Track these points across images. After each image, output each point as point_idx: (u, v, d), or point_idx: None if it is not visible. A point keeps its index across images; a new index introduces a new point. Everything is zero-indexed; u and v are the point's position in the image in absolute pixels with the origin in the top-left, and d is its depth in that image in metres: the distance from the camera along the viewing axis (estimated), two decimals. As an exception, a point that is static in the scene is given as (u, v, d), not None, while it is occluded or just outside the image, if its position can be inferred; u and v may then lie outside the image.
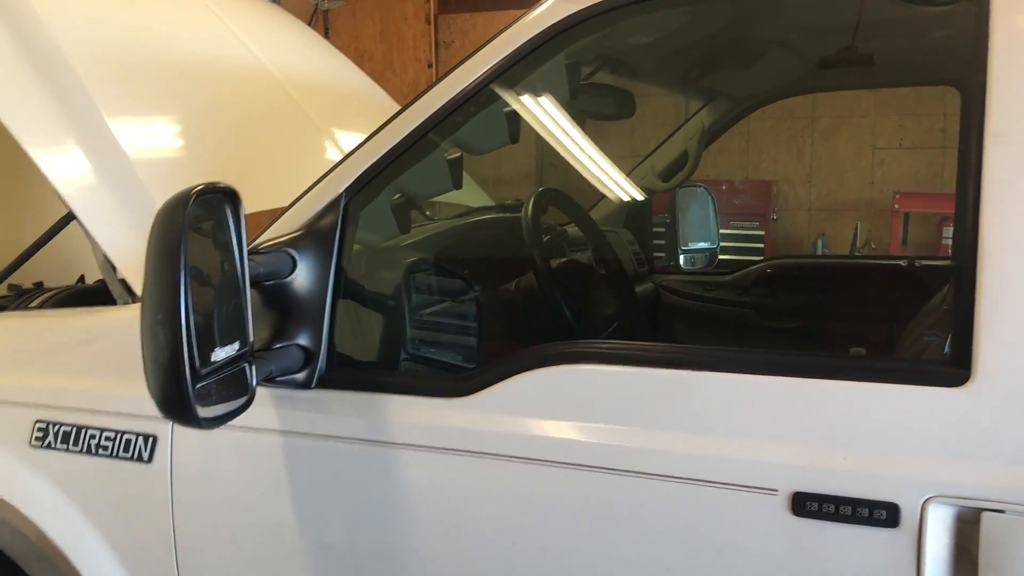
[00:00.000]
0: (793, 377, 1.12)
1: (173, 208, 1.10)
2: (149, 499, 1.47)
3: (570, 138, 2.18)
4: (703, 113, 2.60)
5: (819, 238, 5.85)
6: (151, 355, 1.09)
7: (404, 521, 1.30)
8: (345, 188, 1.40)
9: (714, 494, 1.12)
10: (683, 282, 2.79)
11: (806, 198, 6.01)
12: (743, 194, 5.84)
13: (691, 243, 2.95)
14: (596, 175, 2.48)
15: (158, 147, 1.91)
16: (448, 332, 1.58)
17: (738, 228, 5.71)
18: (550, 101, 1.82)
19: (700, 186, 2.98)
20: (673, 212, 2.89)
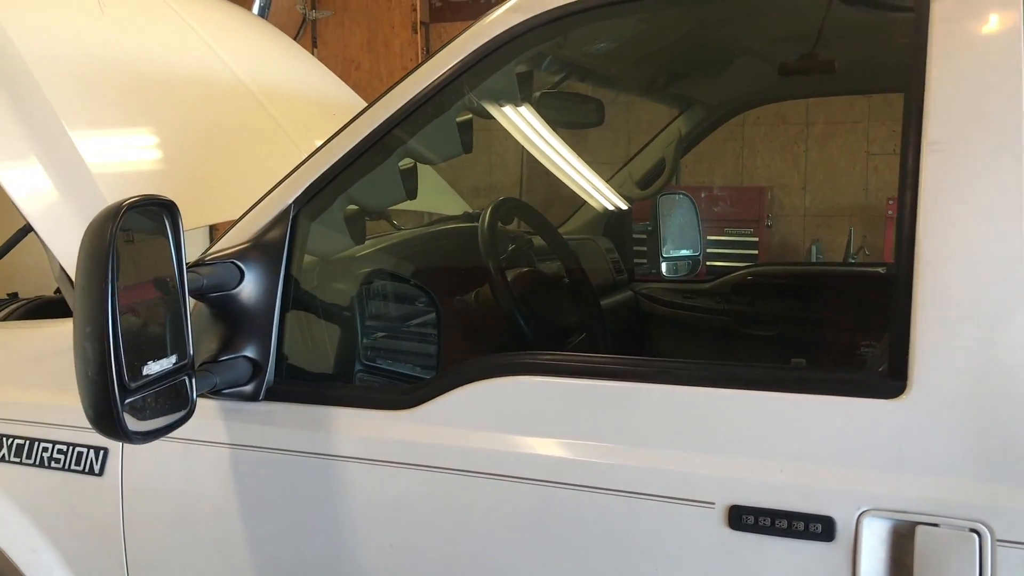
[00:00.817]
0: (730, 389, 1.11)
1: (103, 221, 1.09)
2: (100, 512, 1.47)
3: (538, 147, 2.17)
4: (679, 121, 2.59)
5: (813, 244, 5.83)
6: (80, 369, 1.08)
7: (348, 535, 1.29)
8: (294, 199, 1.39)
9: (652, 507, 1.11)
10: (663, 290, 2.77)
11: (800, 204, 5.99)
12: (737, 200, 5.83)
13: (674, 250, 2.94)
14: (574, 183, 2.48)
15: (121, 160, 1.91)
16: (401, 344, 1.57)
17: (732, 234, 5.70)
18: (514, 109, 1.81)
19: (682, 193, 2.98)
20: (655, 219, 2.88)
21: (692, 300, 2.71)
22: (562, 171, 2.37)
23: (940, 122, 1.05)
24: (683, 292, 2.75)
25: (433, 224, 2.15)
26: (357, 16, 4.61)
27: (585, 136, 2.45)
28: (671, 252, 2.93)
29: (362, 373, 1.50)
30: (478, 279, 1.75)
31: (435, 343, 1.57)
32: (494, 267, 1.70)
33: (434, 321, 1.56)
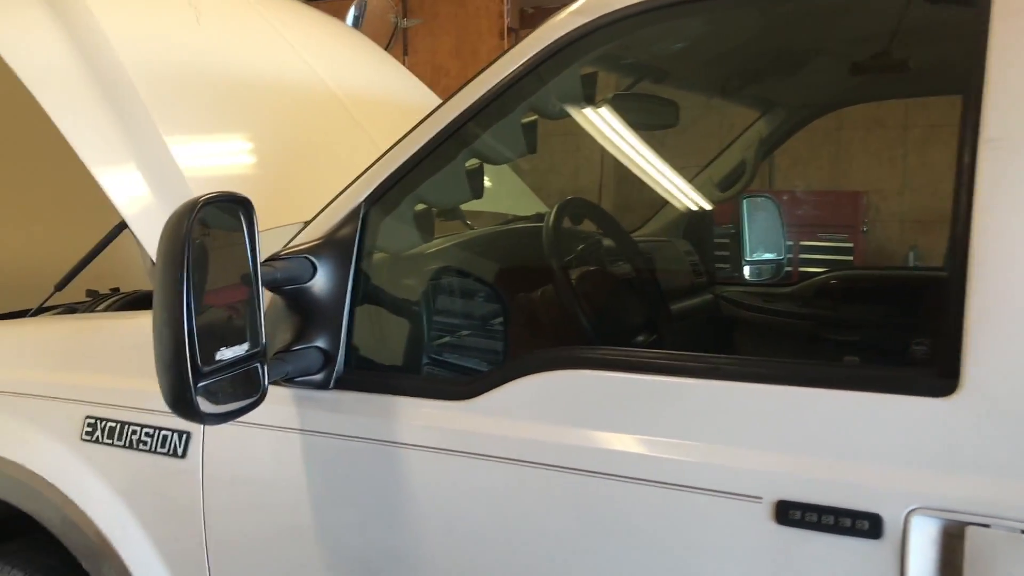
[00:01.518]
0: (781, 385, 1.12)
1: (180, 216, 1.17)
2: (183, 493, 1.55)
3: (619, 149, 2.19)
4: (760, 123, 2.57)
5: (911, 250, 5.65)
6: (158, 353, 1.16)
7: (410, 520, 1.34)
8: (364, 198, 1.46)
9: (700, 500, 1.12)
10: (744, 293, 2.75)
11: (898, 209, 5.82)
12: (831, 205, 5.70)
13: (756, 254, 2.91)
14: (654, 185, 2.48)
15: (212, 164, 2.01)
16: (465, 338, 1.61)
17: (826, 240, 5.57)
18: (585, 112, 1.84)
19: (766, 196, 2.94)
20: (738, 222, 2.86)
21: (774, 304, 2.68)
22: (642, 173, 2.38)
23: (998, 119, 1.04)
24: (765, 295, 2.72)
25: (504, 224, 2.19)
26: (446, 24, 4.71)
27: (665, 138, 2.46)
28: (754, 255, 2.90)
29: (428, 366, 1.55)
30: (542, 278, 1.78)
31: (499, 339, 1.61)
32: (556, 265, 1.73)
33: (499, 317, 1.60)
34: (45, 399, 1.73)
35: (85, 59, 1.93)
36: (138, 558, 1.62)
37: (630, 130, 2.19)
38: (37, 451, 1.71)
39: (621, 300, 1.94)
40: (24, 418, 1.74)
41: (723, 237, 2.99)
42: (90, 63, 1.93)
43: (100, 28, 1.97)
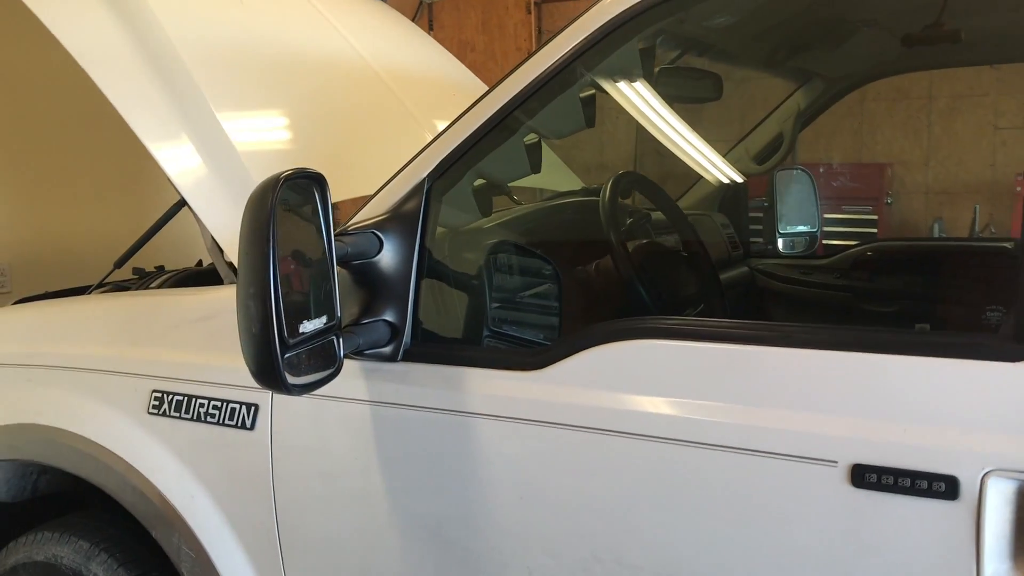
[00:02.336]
0: (854, 352, 1.14)
1: (263, 191, 1.20)
2: (251, 463, 1.59)
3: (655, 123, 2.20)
4: (798, 95, 2.57)
5: (935, 222, 5.64)
6: (244, 326, 1.19)
7: (482, 487, 1.37)
8: (427, 173, 1.48)
9: (775, 465, 1.15)
10: (779, 266, 2.77)
11: (922, 181, 5.80)
12: (855, 177, 5.69)
13: (790, 227, 2.92)
14: (689, 159, 2.50)
15: (263, 139, 2.04)
16: (527, 311, 1.64)
17: (850, 212, 5.57)
18: (633, 85, 1.85)
19: (799, 168, 2.95)
20: (771, 195, 2.87)
21: (810, 276, 2.70)
22: (677, 146, 2.39)
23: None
24: (801, 268, 2.74)
25: (553, 199, 2.21)
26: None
27: (700, 111, 2.47)
28: (787, 228, 2.92)
29: (488, 338, 1.58)
30: (598, 251, 1.81)
31: (556, 311, 1.64)
32: (615, 238, 1.75)
33: (556, 290, 1.63)
34: (111, 374, 1.77)
35: (137, 39, 1.96)
36: (206, 525, 1.66)
37: (665, 103, 2.20)
38: (104, 425, 1.76)
39: (675, 272, 1.96)
40: (90, 393, 1.78)
41: (756, 211, 3.00)
42: (142, 43, 1.96)
43: (150, 9, 1.99)
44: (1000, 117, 5.50)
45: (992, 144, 5.57)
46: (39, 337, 1.93)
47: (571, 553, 1.31)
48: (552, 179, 2.65)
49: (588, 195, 2.11)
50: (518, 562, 1.36)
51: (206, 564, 1.66)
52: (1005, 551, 1.04)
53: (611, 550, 1.28)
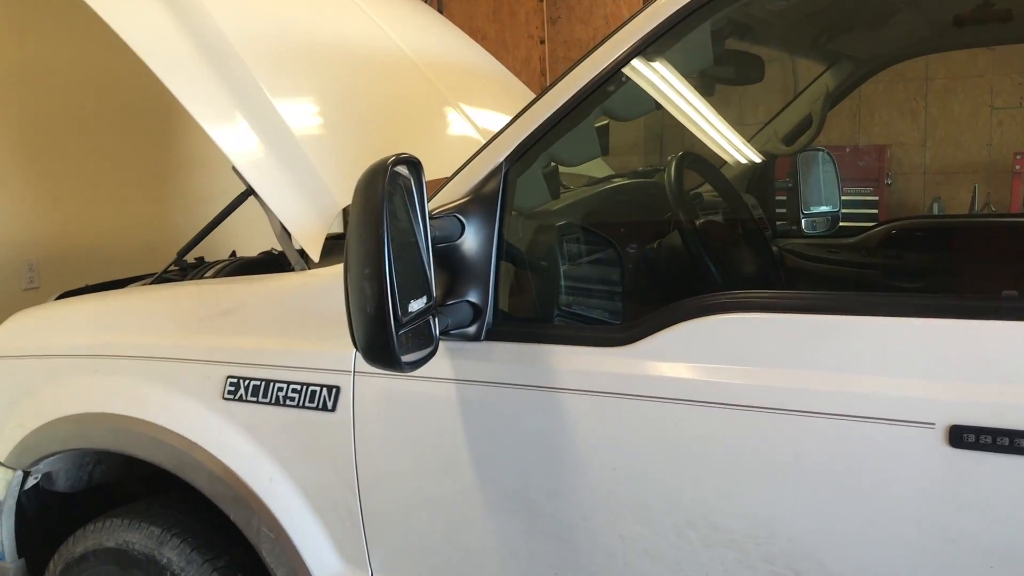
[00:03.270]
0: (945, 318, 1.19)
1: (373, 175, 1.23)
2: (333, 445, 1.63)
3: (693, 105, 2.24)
4: (827, 76, 2.62)
5: (934, 202, 5.72)
6: (358, 306, 1.22)
7: (572, 460, 1.41)
8: (505, 157, 1.52)
9: (873, 429, 1.19)
10: (806, 245, 2.82)
11: (920, 162, 5.88)
12: (856, 159, 5.76)
13: (813, 207, 2.97)
14: (719, 141, 2.54)
15: (316, 124, 2.06)
16: (598, 289, 1.68)
17: (852, 193, 5.64)
18: (688, 70, 1.89)
19: (822, 150, 3.00)
20: (795, 176, 2.91)
21: (837, 255, 2.75)
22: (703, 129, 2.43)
23: None
24: (827, 247, 2.79)
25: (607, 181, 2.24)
26: (483, -13, 4.73)
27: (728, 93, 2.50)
28: (811, 208, 2.97)
29: (562, 316, 1.62)
30: (658, 230, 1.85)
31: (625, 289, 1.68)
32: (684, 216, 1.79)
33: (624, 268, 1.67)
34: (182, 361, 1.80)
35: (192, 32, 1.99)
36: (286, 508, 1.69)
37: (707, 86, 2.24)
38: (177, 412, 1.79)
39: (737, 249, 2.01)
40: (160, 381, 1.81)
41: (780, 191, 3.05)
42: (197, 35, 1.99)
43: (202, 4, 2.02)
44: (996, 97, 5.58)
45: (989, 124, 5.65)
46: (104, 328, 1.95)
47: (665, 521, 1.35)
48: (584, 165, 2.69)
49: (639, 177, 2.15)
50: (610, 531, 1.41)
51: (287, 544, 1.69)
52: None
53: (706, 517, 1.32)
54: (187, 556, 1.85)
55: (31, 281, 3.26)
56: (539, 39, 4.71)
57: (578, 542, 1.44)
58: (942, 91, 5.73)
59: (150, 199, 3.59)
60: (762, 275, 2.02)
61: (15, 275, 3.20)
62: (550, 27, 4.79)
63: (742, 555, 1.30)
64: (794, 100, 2.69)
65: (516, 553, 1.50)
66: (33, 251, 3.30)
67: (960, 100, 5.70)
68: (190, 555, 1.85)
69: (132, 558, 1.89)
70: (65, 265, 3.33)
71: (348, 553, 1.67)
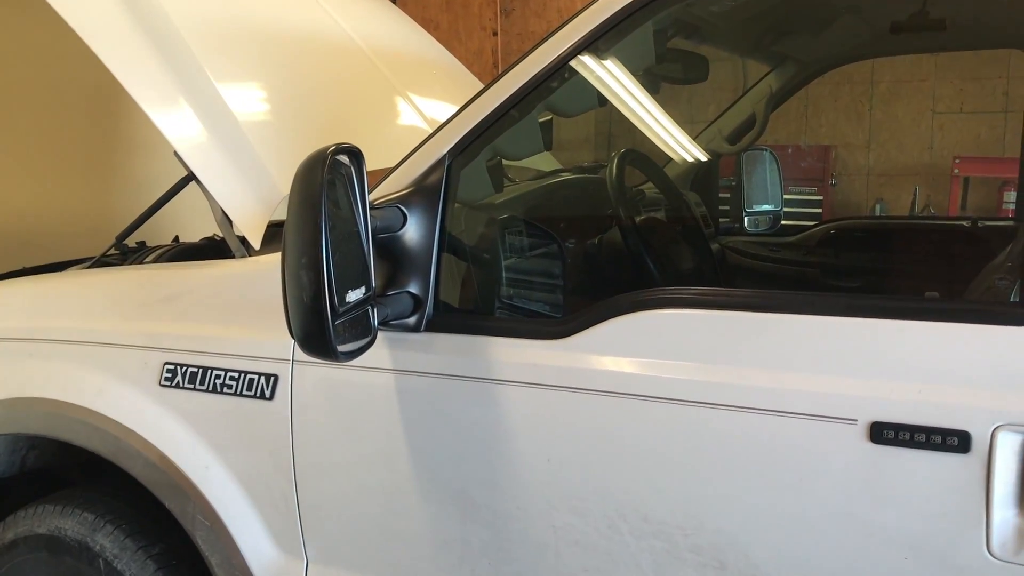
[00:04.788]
0: (870, 318, 1.22)
1: (312, 165, 1.23)
2: (270, 433, 1.62)
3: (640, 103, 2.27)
4: (771, 77, 2.67)
5: (877, 203, 5.85)
6: (294, 296, 1.23)
7: (509, 452, 1.43)
8: (448, 149, 1.52)
9: (797, 424, 1.23)
10: (748, 243, 2.87)
11: (864, 163, 6.00)
12: (801, 159, 5.86)
13: (755, 205, 3.03)
14: (663, 138, 2.57)
15: (260, 110, 2.05)
16: (538, 283, 1.70)
17: (796, 192, 5.73)
18: (631, 68, 1.91)
19: (765, 150, 3.05)
20: (739, 175, 2.96)
21: (777, 253, 2.81)
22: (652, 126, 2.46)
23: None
24: (768, 245, 2.85)
25: (551, 176, 2.26)
26: (436, -24, 4.72)
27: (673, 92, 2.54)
28: (753, 207, 3.02)
29: (501, 310, 1.63)
30: (600, 225, 1.87)
31: (565, 284, 1.70)
32: (624, 213, 1.82)
33: (565, 263, 1.69)
34: (119, 347, 1.78)
35: (136, 13, 1.95)
36: (222, 495, 1.69)
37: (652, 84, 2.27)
38: (113, 397, 1.76)
39: (676, 246, 2.04)
40: (96, 366, 1.79)
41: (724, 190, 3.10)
42: (141, 17, 1.95)
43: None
44: (938, 102, 5.72)
45: (930, 128, 5.78)
46: (40, 312, 1.92)
47: (597, 511, 1.38)
48: (531, 158, 2.71)
49: (583, 172, 2.17)
50: (544, 521, 1.43)
51: (222, 532, 1.69)
52: (1012, 499, 1.14)
53: (637, 508, 1.35)
54: (121, 543, 1.83)
55: (-36, 263, 3.18)
56: (492, 31, 4.71)
57: (512, 532, 1.46)
58: (887, 94, 5.85)
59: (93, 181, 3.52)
60: (700, 272, 2.05)
61: (-52, 256, 3.11)
62: (504, 19, 4.80)
63: (671, 546, 1.33)
64: (738, 100, 2.74)
65: (451, 542, 1.52)
66: (-34, 232, 3.21)
67: (904, 104, 5.82)
68: (124, 542, 1.83)
69: (64, 545, 1.87)
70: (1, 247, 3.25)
71: (283, 542, 1.67)
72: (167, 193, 2.02)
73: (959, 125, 5.70)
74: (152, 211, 2.04)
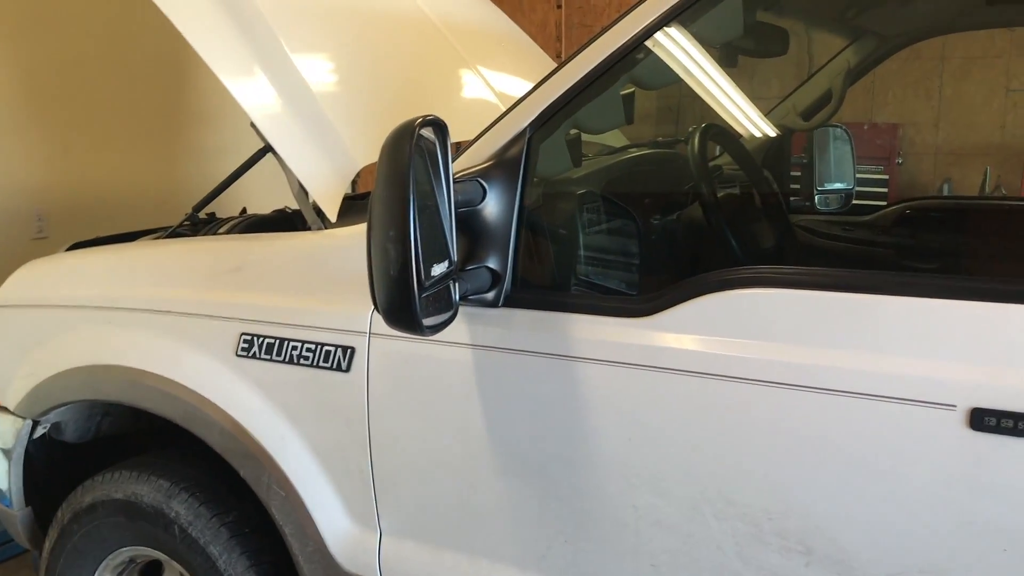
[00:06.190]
0: (970, 300, 1.18)
1: (400, 137, 1.22)
2: (346, 404, 1.63)
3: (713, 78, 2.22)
4: (849, 51, 2.59)
5: (944, 183, 5.70)
6: (381, 268, 1.22)
7: (588, 430, 1.41)
8: (529, 122, 1.50)
9: (894, 409, 1.19)
10: (820, 222, 2.80)
11: (933, 142, 5.84)
12: (868, 137, 5.73)
13: (827, 183, 2.96)
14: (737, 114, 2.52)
15: (335, 82, 2.04)
16: (617, 260, 1.67)
17: (862, 172, 5.60)
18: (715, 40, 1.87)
19: (839, 127, 2.98)
20: (811, 152, 2.89)
21: (851, 232, 2.74)
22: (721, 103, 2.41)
23: None
24: (841, 224, 2.78)
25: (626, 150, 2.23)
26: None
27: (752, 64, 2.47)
28: (825, 185, 2.95)
29: (578, 287, 1.61)
30: (680, 201, 1.83)
31: (643, 260, 1.67)
32: (707, 189, 1.78)
33: (644, 239, 1.66)
34: (196, 316, 1.79)
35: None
36: (297, 465, 1.70)
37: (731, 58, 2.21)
38: (190, 367, 1.79)
39: (758, 223, 2.00)
40: (174, 335, 1.81)
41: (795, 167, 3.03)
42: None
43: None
44: (1013, 79, 5.54)
45: (1004, 106, 5.60)
46: (117, 281, 1.95)
47: (680, 492, 1.36)
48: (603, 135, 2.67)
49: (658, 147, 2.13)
50: (623, 500, 1.41)
51: (296, 502, 1.70)
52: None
53: (721, 491, 1.33)
54: (195, 510, 1.86)
55: (40, 231, 3.25)
56: (556, 3, 4.65)
57: (590, 510, 1.44)
58: (958, 71, 5.68)
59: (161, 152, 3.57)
60: (779, 250, 2.01)
61: (24, 224, 3.18)
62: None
63: (755, 529, 1.31)
64: (815, 74, 2.66)
65: (527, 519, 1.51)
66: (42, 201, 3.28)
67: (975, 81, 5.65)
68: (198, 509, 1.86)
69: (140, 510, 1.90)
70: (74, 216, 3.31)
71: (358, 513, 1.68)
72: (244, 164, 2.02)
73: (1035, 103, 5.52)
74: (228, 182, 2.05)
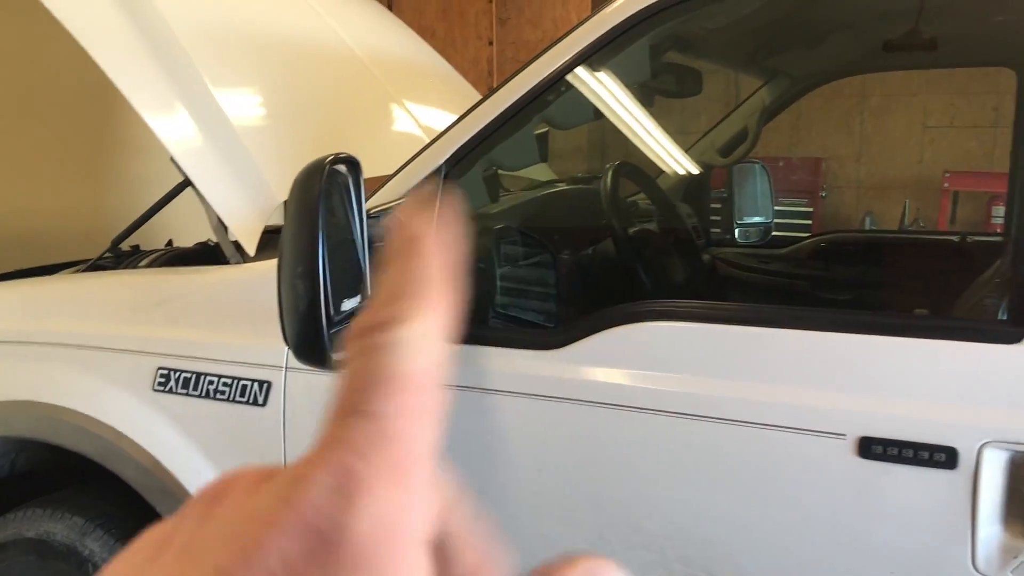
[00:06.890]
0: (861, 334, 1.24)
1: (310, 174, 1.24)
2: (263, 439, 1.63)
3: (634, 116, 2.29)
4: (763, 91, 2.69)
5: (866, 216, 5.89)
6: (290, 304, 1.23)
7: (499, 460, 1.44)
8: (445, 160, 1.53)
9: (787, 438, 1.24)
10: (738, 255, 2.89)
11: (855, 176, 6.05)
12: (793, 171, 5.90)
13: (746, 217, 3.05)
14: (656, 151, 2.59)
15: (256, 116, 2.05)
16: (532, 292, 1.71)
17: (787, 204, 5.77)
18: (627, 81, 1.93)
19: (757, 163, 3.08)
20: (730, 187, 2.99)
21: (768, 265, 2.82)
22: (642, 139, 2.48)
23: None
24: (759, 257, 2.86)
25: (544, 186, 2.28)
26: (432, -15, 4.73)
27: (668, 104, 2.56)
28: (744, 219, 3.04)
29: (495, 319, 1.64)
30: (594, 236, 1.88)
31: (559, 294, 1.71)
32: (618, 224, 1.83)
33: (558, 273, 1.70)
34: (112, 351, 1.78)
35: (132, 16, 1.96)
36: (213, 502, 1.69)
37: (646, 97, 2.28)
38: (106, 402, 1.77)
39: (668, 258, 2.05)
40: (89, 370, 1.79)
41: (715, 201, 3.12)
42: (136, 20, 1.96)
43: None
44: (929, 116, 5.77)
45: (921, 142, 5.83)
46: (33, 314, 1.92)
47: (587, 521, 1.39)
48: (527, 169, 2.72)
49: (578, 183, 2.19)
50: (533, 530, 1.44)
51: (213, 538, 1.69)
52: (997, 515, 1.16)
53: (626, 519, 1.36)
54: (111, 548, 1.83)
55: (-43, 263, 3.18)
56: (488, 40, 4.72)
57: (501, 539, 1.46)
58: (878, 108, 5.90)
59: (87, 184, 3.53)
60: (693, 284, 2.07)
61: (-59, 256, 3.11)
62: (499, 28, 4.81)
63: (659, 556, 1.34)
64: (731, 113, 2.76)
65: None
66: (-40, 233, 3.21)
67: (894, 118, 5.87)
68: (114, 546, 1.83)
69: (53, 549, 1.86)
70: (-6, 248, 3.25)
71: (275, 547, 1.67)
72: (163, 198, 2.02)
73: (949, 139, 5.75)
74: (147, 216, 2.04)
